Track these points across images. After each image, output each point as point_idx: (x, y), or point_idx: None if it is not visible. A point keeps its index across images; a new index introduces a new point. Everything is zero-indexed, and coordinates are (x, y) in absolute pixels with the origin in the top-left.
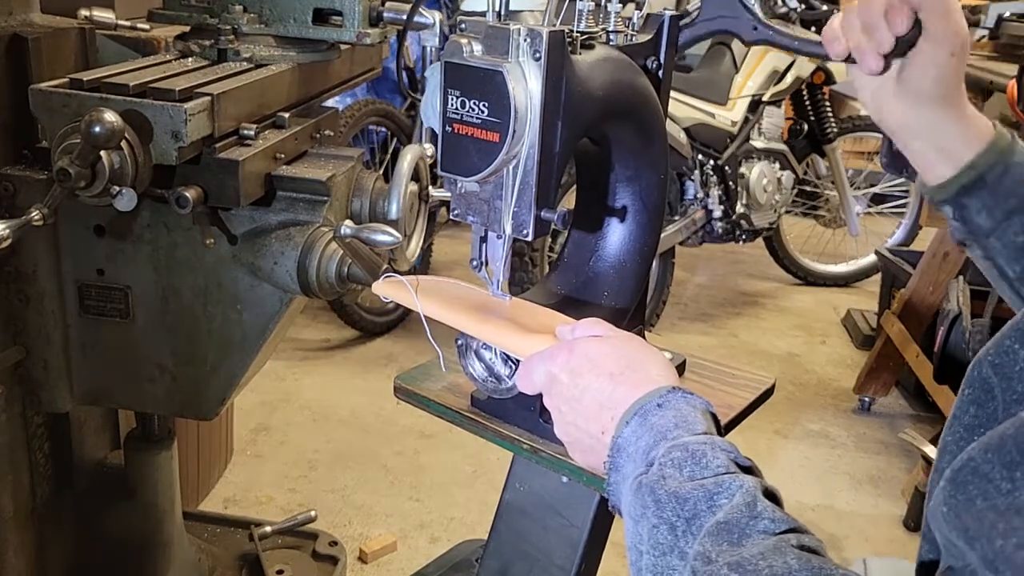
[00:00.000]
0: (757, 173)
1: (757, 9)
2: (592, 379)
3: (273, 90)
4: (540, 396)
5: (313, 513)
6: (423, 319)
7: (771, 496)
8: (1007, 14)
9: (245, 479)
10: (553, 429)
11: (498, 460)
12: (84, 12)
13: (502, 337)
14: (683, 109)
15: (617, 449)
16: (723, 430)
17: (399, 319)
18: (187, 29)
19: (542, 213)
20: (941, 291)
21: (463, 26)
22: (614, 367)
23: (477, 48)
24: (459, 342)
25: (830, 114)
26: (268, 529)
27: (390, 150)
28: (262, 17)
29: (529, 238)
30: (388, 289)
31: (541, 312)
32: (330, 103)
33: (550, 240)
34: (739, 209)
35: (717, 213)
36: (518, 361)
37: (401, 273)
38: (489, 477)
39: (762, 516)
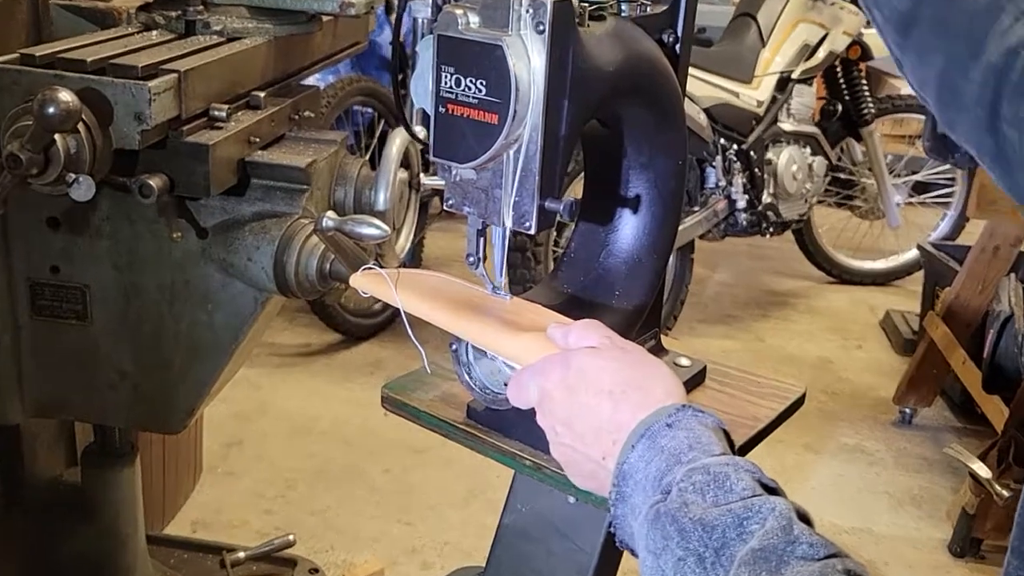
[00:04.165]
0: (786, 159)
1: None
2: (589, 397)
3: (247, 67)
4: (534, 412)
5: (291, 537)
6: (403, 316)
7: (804, 518)
8: None
9: (216, 499)
10: None
11: (497, 478)
12: None
13: (490, 337)
14: (703, 88)
15: (623, 476)
16: (748, 445)
17: (387, 322)
18: None
19: (546, 203)
20: (991, 290)
21: None
22: (613, 384)
23: (474, 20)
24: (453, 347)
25: (867, 93)
26: (241, 555)
27: (377, 133)
28: None
29: (532, 231)
30: (366, 282)
31: (544, 315)
32: (310, 81)
33: (555, 234)
34: (766, 199)
35: (741, 203)
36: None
37: (384, 268)
38: (487, 497)
39: (800, 541)
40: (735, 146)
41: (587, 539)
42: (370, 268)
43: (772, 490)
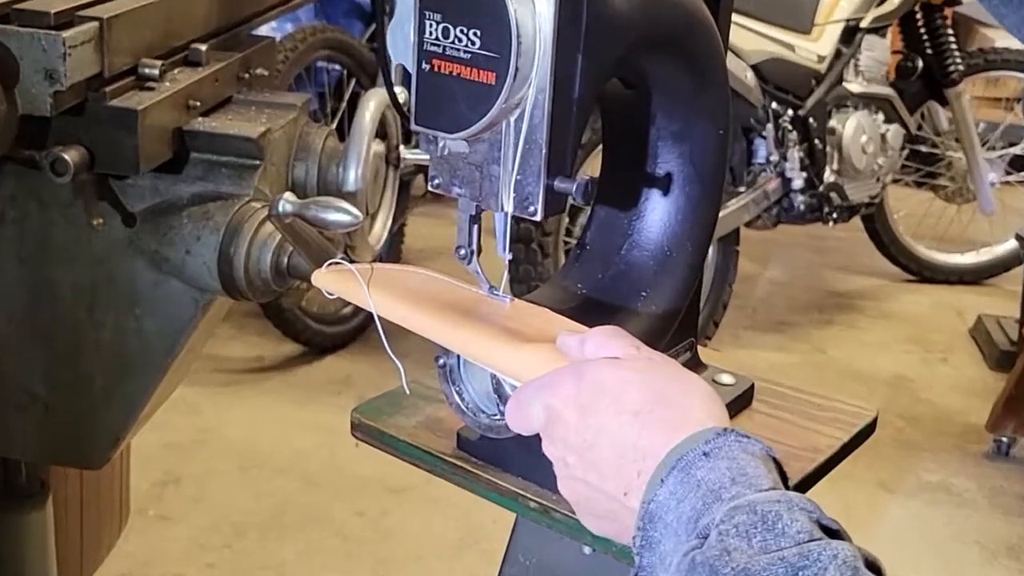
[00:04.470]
0: (853, 127)
1: None
2: (610, 418)
3: (185, 13)
4: (539, 439)
5: None
6: (377, 323)
7: (873, 568)
8: None
9: (147, 549)
10: None
11: (495, 523)
12: None
13: (485, 348)
14: (751, 39)
15: (650, 518)
16: (806, 482)
17: (358, 329)
18: None
19: (555, 183)
20: None
21: None
22: (640, 402)
23: None
24: (440, 361)
25: (954, 46)
26: None
27: (347, 96)
28: None
29: (537, 217)
30: (332, 281)
31: (553, 321)
32: (263, 31)
33: (567, 220)
34: (828, 177)
35: (798, 183)
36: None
37: (355, 262)
38: (483, 547)
39: None
40: (790, 112)
41: None
42: (337, 263)
43: (834, 533)
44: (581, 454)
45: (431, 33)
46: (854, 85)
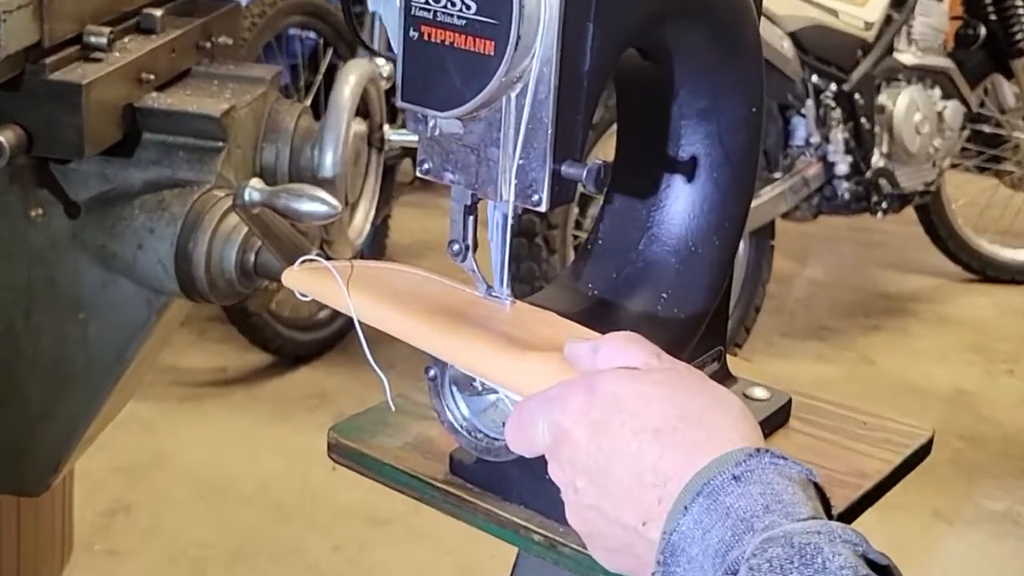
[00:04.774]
0: (906, 104)
1: None
2: (626, 438)
3: None
4: (545, 461)
5: None
6: (358, 329)
7: None
8: None
9: None
10: None
11: (493, 559)
12: None
13: (482, 357)
14: (787, 3)
15: (672, 550)
16: (852, 511)
17: (335, 336)
18: None
19: (563, 168)
20: None
21: None
22: (661, 419)
23: None
24: (431, 373)
25: (1022, 11)
26: None
27: (323, 68)
28: None
29: (542, 207)
30: (305, 280)
31: (560, 326)
32: None
33: (576, 211)
34: (876, 162)
35: (842, 168)
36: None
37: (332, 259)
38: None
39: None
40: (834, 86)
41: None
42: (311, 259)
43: (882, 569)
44: (593, 478)
45: None
46: (907, 56)
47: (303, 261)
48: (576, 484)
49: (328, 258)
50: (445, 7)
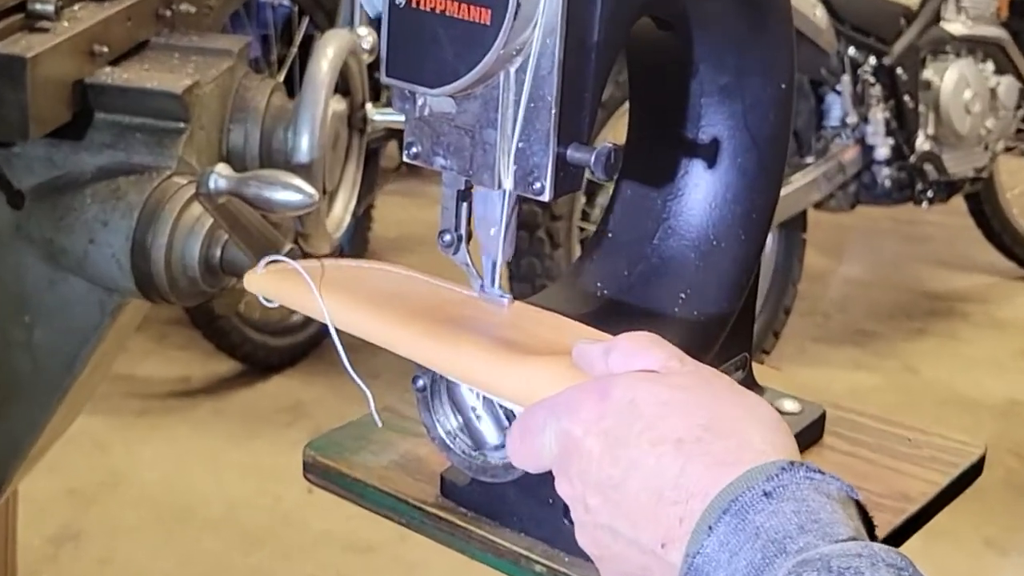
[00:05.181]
0: (954, 80)
1: None
2: (644, 449)
3: None
4: (550, 478)
5: None
6: (334, 335)
7: None
8: None
9: None
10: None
11: None
12: None
13: (478, 365)
14: None
15: (695, 575)
16: (895, 537)
17: (312, 342)
18: None
19: (569, 152)
20: None
21: None
22: (683, 428)
23: None
24: (419, 383)
25: None
26: None
27: (297, 39)
28: None
29: (545, 197)
30: (271, 284)
31: (566, 329)
32: None
33: (583, 201)
34: (921, 144)
35: (883, 151)
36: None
37: (306, 256)
38: None
39: None
40: (873, 60)
41: None
42: (276, 260)
43: None
44: (606, 494)
45: None
46: (955, 25)
47: (268, 263)
48: (587, 501)
49: (305, 254)
50: None
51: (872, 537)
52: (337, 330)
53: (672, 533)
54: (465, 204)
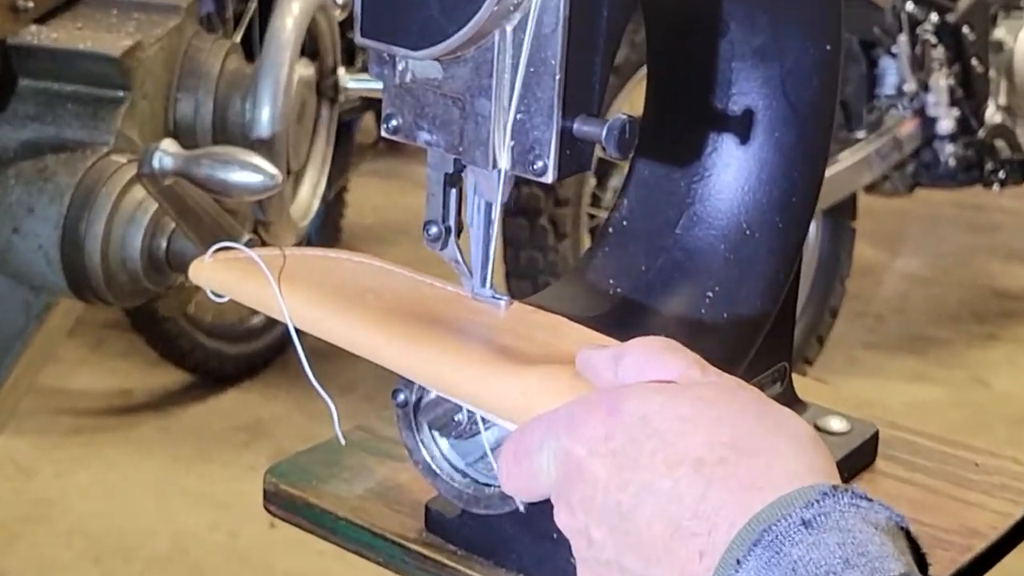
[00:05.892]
0: None
1: None
2: (659, 472)
3: None
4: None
5: None
6: (294, 336)
7: None
8: None
9: None
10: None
11: None
12: None
13: (469, 375)
14: None
15: None
16: None
17: (274, 349)
18: None
19: (576, 125)
20: None
21: None
22: (704, 447)
23: None
24: (400, 397)
25: None
26: None
27: None
28: None
29: (548, 178)
30: (219, 275)
31: (571, 334)
32: None
33: (594, 183)
34: (992, 117)
35: (946, 125)
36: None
37: (262, 245)
38: None
39: None
40: (934, 17)
41: None
42: (228, 247)
43: None
44: (614, 525)
45: None
46: None
47: (217, 250)
48: (591, 533)
49: (266, 245)
50: None
51: (925, 573)
52: (298, 331)
53: (691, 569)
54: (454, 189)
